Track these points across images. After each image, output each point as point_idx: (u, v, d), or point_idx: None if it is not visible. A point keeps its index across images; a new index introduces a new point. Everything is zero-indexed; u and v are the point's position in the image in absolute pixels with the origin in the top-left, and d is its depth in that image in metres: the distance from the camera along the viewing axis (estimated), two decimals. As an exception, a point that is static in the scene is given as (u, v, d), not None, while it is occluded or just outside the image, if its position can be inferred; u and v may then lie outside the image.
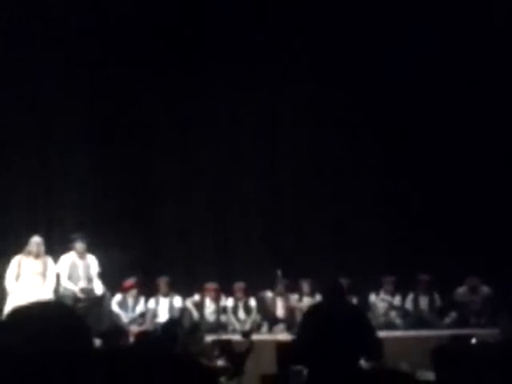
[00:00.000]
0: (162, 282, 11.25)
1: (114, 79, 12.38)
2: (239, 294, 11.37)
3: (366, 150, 12.92)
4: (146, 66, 12.37)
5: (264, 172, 12.96)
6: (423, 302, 11.60)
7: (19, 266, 10.13)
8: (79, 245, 10.54)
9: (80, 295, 10.29)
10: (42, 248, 10.27)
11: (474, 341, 8.29)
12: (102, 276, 10.67)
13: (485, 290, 11.41)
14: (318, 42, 12.69)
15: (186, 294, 11.35)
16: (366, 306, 11.33)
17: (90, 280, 10.54)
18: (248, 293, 11.46)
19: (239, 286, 11.42)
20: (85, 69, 12.20)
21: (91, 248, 10.75)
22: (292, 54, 12.73)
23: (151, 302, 11.19)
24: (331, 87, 12.76)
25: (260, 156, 12.95)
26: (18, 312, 1.88)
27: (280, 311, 11.38)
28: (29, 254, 10.17)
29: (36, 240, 10.22)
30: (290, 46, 12.76)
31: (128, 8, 12.01)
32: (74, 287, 10.34)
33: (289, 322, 11.02)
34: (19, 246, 10.32)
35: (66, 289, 10.37)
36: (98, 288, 10.52)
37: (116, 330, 7.63)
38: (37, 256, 10.18)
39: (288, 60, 12.72)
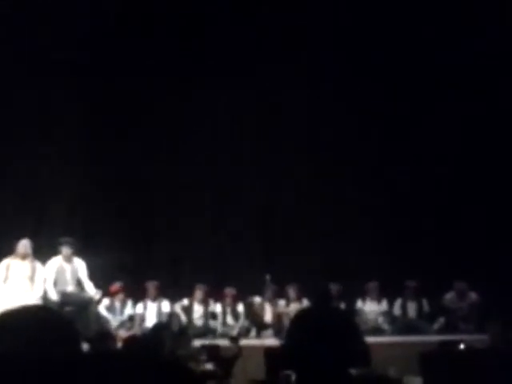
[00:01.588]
0: (151, 286, 11.20)
1: (114, 82, 12.38)
2: (229, 300, 11.34)
3: (359, 158, 12.93)
4: (146, 66, 12.34)
5: (258, 176, 12.94)
6: (411, 307, 11.61)
7: (7, 268, 10.10)
8: (65, 250, 10.51)
9: (66, 299, 10.23)
10: (30, 250, 10.22)
11: (461, 346, 8.31)
12: (90, 279, 10.63)
13: (472, 296, 11.43)
14: (317, 43, 12.68)
15: (174, 299, 11.31)
16: (353, 311, 11.34)
17: (78, 284, 10.50)
18: (237, 298, 11.45)
19: (230, 291, 11.39)
20: (86, 72, 12.19)
21: (80, 251, 10.71)
22: (292, 53, 12.65)
23: (139, 307, 11.15)
24: (330, 89, 12.84)
25: (256, 161, 12.95)
26: (6, 317, 1.87)
27: (268, 316, 11.36)
28: (16, 255, 10.16)
29: (23, 242, 10.21)
30: (291, 45, 12.68)
31: (127, 7, 12.02)
32: (54, 293, 10.27)
33: (277, 327, 11.00)
34: (8, 250, 10.27)
35: (49, 293, 10.31)
36: (91, 290, 10.47)
37: (104, 334, 7.60)
38: (23, 257, 10.14)
39: (288, 60, 12.65)
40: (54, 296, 10.25)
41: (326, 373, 5.03)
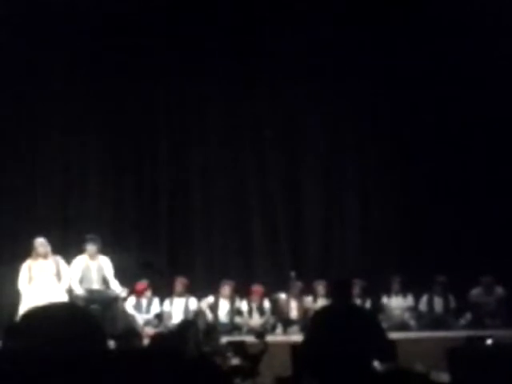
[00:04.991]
0: (180, 282, 11.21)
1: (120, 85, 12.44)
2: (255, 296, 11.35)
3: (379, 151, 12.90)
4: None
5: (282, 174, 12.92)
6: (438, 303, 11.57)
7: (30, 269, 10.15)
8: (90, 247, 10.56)
9: (92, 297, 10.30)
10: (48, 248, 10.29)
11: (489, 342, 8.24)
12: (118, 277, 10.69)
13: (499, 290, 11.37)
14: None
15: (201, 296, 11.33)
16: (379, 307, 11.33)
17: (103, 281, 10.57)
18: (263, 295, 11.45)
19: (258, 288, 11.40)
20: (104, 74, 12.25)
21: (106, 249, 10.77)
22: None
23: (166, 304, 11.19)
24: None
25: (278, 157, 12.93)
26: (33, 314, 1.89)
27: (294, 313, 11.36)
28: (37, 256, 10.20)
29: (40, 241, 10.24)
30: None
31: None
32: (81, 291, 10.35)
33: (303, 323, 10.98)
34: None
35: (75, 291, 10.38)
36: (117, 288, 10.53)
37: (130, 331, 7.65)
38: (45, 256, 10.21)
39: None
40: (80, 292, 10.33)
41: (347, 369, 5.02)
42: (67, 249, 10.93)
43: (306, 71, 12.57)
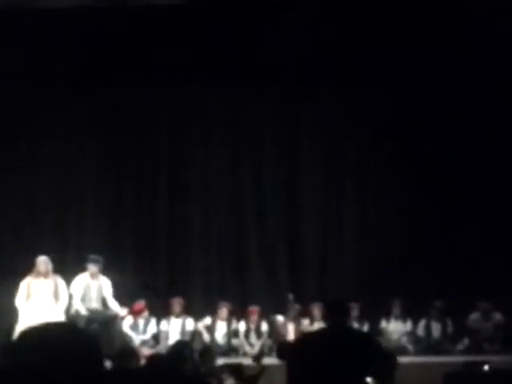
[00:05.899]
0: (177, 302, 11.21)
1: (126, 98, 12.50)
2: (252, 318, 11.32)
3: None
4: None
5: (281, 192, 12.90)
6: (435, 327, 11.55)
7: (29, 287, 10.15)
8: (92, 267, 10.57)
9: (91, 316, 10.29)
10: (50, 266, 10.29)
11: (486, 368, 8.22)
12: (115, 297, 10.68)
13: (497, 316, 11.36)
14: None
15: (198, 317, 11.31)
16: (377, 331, 11.29)
17: (102, 301, 10.56)
18: (261, 317, 11.42)
19: (254, 309, 11.38)
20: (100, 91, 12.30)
21: (105, 269, 10.77)
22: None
23: (163, 324, 11.16)
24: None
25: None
26: (29, 333, 1.90)
27: (291, 335, 11.32)
28: (38, 274, 10.19)
29: (43, 259, 10.25)
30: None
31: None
32: (83, 310, 10.34)
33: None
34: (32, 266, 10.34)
35: (78, 310, 10.39)
36: (116, 308, 10.52)
37: (127, 352, 7.62)
38: (46, 275, 10.21)
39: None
40: (83, 311, 10.33)
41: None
42: (65, 265, 10.94)
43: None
